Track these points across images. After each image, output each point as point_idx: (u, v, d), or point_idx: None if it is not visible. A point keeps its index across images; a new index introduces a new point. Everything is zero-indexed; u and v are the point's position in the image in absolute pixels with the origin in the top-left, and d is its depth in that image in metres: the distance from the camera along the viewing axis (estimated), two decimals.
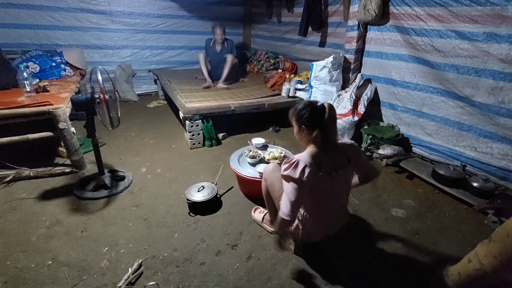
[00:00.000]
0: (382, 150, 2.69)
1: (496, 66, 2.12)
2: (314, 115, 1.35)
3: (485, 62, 2.18)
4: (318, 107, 1.37)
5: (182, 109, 2.98)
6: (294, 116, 1.42)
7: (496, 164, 2.24)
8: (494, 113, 2.18)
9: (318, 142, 1.36)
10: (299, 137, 1.45)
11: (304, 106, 1.39)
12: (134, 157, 2.82)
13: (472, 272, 1.22)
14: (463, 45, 2.29)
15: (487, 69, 2.17)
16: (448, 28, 2.37)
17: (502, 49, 2.07)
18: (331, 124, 1.35)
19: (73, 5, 4.09)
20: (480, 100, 2.25)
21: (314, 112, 1.35)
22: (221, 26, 3.99)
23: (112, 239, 1.79)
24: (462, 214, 2.12)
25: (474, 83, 2.26)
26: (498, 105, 2.15)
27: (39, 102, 2.33)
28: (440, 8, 2.38)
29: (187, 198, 2.01)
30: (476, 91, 2.26)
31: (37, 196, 2.18)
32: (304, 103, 1.41)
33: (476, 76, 2.24)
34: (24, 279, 1.51)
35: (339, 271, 1.62)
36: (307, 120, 1.36)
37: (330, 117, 1.34)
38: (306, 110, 1.37)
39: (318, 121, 1.34)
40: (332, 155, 1.39)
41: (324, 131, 1.34)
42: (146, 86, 4.98)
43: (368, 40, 3.12)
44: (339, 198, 1.54)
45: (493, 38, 2.10)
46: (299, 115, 1.39)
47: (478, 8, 2.15)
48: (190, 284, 1.51)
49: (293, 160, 1.30)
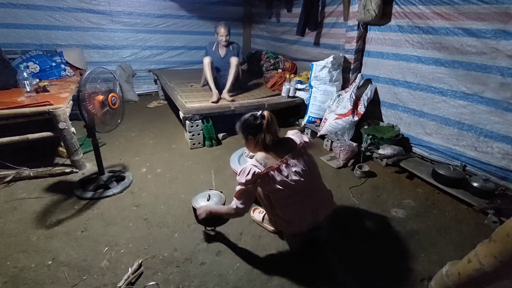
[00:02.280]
0: (382, 150, 2.69)
1: (505, 62, 2.12)
2: (255, 124, 1.53)
3: (494, 58, 2.17)
4: (258, 117, 1.54)
5: (182, 109, 2.98)
6: (240, 129, 1.60)
7: (496, 164, 2.24)
8: (502, 109, 2.17)
9: (263, 146, 1.53)
10: (247, 146, 1.63)
11: (246, 118, 1.58)
12: (134, 157, 2.82)
13: (472, 272, 1.22)
14: (471, 42, 2.28)
15: (495, 66, 2.17)
16: (456, 25, 2.36)
17: (511, 45, 2.07)
18: (270, 128, 1.53)
19: (73, 5, 4.09)
20: (489, 96, 2.24)
21: (255, 121, 1.53)
22: (226, 26, 3.40)
23: (112, 239, 1.79)
24: (462, 214, 2.12)
25: (483, 80, 2.26)
26: (507, 100, 2.14)
27: (39, 102, 2.32)
28: (447, 6, 2.38)
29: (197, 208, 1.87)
30: (485, 88, 2.25)
31: (37, 196, 2.18)
32: (245, 117, 1.59)
33: (486, 72, 2.23)
34: (24, 279, 1.51)
35: (338, 271, 1.62)
36: (251, 129, 1.54)
37: (268, 123, 1.52)
38: (248, 121, 1.56)
39: (259, 128, 1.52)
40: (278, 150, 1.54)
41: (265, 135, 1.51)
42: (146, 86, 4.98)
43: (368, 40, 3.12)
44: (312, 184, 1.62)
45: (502, 35, 2.10)
46: (244, 127, 1.57)
47: (485, 6, 2.15)
48: (190, 284, 1.51)
49: (243, 169, 1.46)
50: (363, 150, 2.80)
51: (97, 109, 2.01)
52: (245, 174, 1.43)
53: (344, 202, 2.22)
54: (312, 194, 1.61)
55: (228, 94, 3.37)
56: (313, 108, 3.32)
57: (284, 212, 1.59)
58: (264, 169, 1.44)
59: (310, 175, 1.59)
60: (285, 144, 1.59)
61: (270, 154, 1.51)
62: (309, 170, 1.58)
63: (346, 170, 2.70)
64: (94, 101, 1.99)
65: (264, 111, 1.55)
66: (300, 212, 1.59)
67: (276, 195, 1.54)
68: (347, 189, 2.39)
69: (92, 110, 1.97)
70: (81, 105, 1.92)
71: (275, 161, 1.49)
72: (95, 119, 2.03)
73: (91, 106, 1.97)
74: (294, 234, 1.69)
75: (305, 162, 1.57)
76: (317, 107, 3.29)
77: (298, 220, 1.60)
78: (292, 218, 1.60)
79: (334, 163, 2.78)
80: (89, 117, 1.99)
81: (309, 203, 1.60)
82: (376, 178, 2.57)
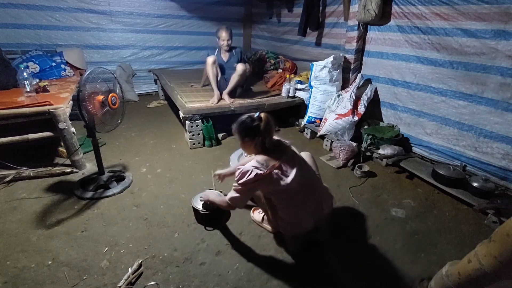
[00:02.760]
0: (382, 150, 2.69)
1: (505, 63, 2.12)
2: (253, 126, 1.49)
3: (494, 59, 2.17)
4: (255, 119, 1.51)
5: (182, 109, 2.98)
6: (236, 130, 1.56)
7: (496, 164, 2.24)
8: (502, 109, 2.17)
9: (261, 148, 1.51)
10: (244, 147, 1.60)
11: (243, 120, 1.54)
12: (134, 157, 2.82)
13: (472, 272, 1.22)
14: (470, 42, 2.28)
15: (495, 66, 2.17)
16: (455, 26, 2.36)
17: (511, 46, 2.07)
18: (268, 130, 1.50)
19: (73, 5, 4.09)
20: (489, 97, 2.24)
21: (252, 123, 1.50)
22: (228, 30, 3.25)
23: (112, 239, 1.79)
24: (462, 214, 2.12)
25: (482, 80, 2.26)
26: (507, 101, 2.14)
27: (39, 102, 2.32)
28: (446, 6, 2.38)
29: (198, 208, 1.88)
30: (485, 88, 2.25)
31: (37, 196, 2.18)
32: (242, 118, 1.55)
33: (485, 73, 2.23)
34: (24, 279, 1.51)
35: (338, 271, 1.62)
36: (247, 131, 1.51)
37: (266, 125, 1.49)
38: (245, 123, 1.52)
39: (257, 131, 1.49)
40: (276, 152, 1.53)
41: (263, 137, 1.49)
42: (146, 86, 4.98)
43: (368, 40, 3.12)
44: (312, 183, 1.63)
45: (501, 35, 2.10)
46: (241, 129, 1.54)
47: (485, 6, 2.15)
48: (190, 284, 1.51)
49: (243, 170, 1.44)
50: (363, 150, 2.80)
51: (97, 109, 2.01)
52: (246, 176, 1.43)
53: (344, 202, 2.22)
54: (312, 193, 1.61)
55: (228, 96, 3.30)
56: (313, 108, 3.32)
57: (286, 214, 1.59)
58: (267, 169, 1.44)
59: (309, 175, 1.59)
60: (279, 146, 1.60)
61: (270, 156, 1.51)
62: (308, 170, 1.59)
63: (346, 170, 2.70)
64: (94, 101, 1.99)
65: (261, 112, 1.54)
66: (302, 213, 1.59)
67: (278, 196, 1.54)
68: (347, 189, 2.39)
69: (92, 110, 1.97)
70: (81, 105, 1.92)
71: (274, 162, 1.49)
72: (95, 119, 2.03)
73: (91, 106, 1.97)
74: (295, 236, 1.69)
75: (301, 162, 1.58)
76: (317, 107, 3.29)
77: (300, 220, 1.60)
78: (294, 219, 1.60)
79: (334, 163, 2.78)
80: (89, 117, 1.99)
81: (310, 203, 1.60)
82: (376, 178, 2.57)
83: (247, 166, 1.46)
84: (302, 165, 1.58)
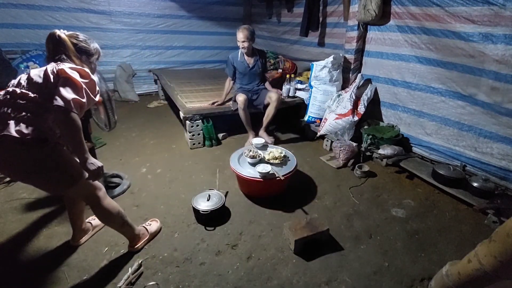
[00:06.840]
0: (382, 150, 2.69)
1: (493, 66, 2.12)
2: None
3: (483, 62, 2.18)
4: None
5: (183, 109, 2.98)
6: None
7: (496, 164, 2.24)
8: (496, 112, 2.18)
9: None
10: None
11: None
12: (134, 157, 2.82)
13: (472, 272, 1.22)
14: (461, 44, 2.29)
15: (485, 69, 2.17)
16: (445, 28, 2.37)
17: (498, 50, 2.07)
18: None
19: (73, 5, 4.09)
20: (483, 99, 2.24)
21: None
22: (243, 30, 2.88)
23: (112, 239, 1.79)
24: (462, 214, 2.12)
25: (475, 82, 2.26)
26: (499, 104, 2.15)
27: None
28: (436, 8, 2.38)
29: (198, 208, 1.90)
30: (478, 91, 2.26)
31: (37, 196, 2.18)
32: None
33: (477, 75, 2.24)
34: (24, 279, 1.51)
35: (338, 271, 1.62)
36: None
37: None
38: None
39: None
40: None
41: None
42: (147, 86, 4.98)
43: (368, 40, 3.12)
44: None
45: (489, 38, 2.10)
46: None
47: (474, 8, 2.15)
48: (190, 284, 1.51)
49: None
50: (363, 150, 2.80)
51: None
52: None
53: (344, 202, 2.22)
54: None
55: (266, 134, 3.06)
56: (313, 108, 3.32)
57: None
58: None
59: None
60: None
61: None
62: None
63: (346, 170, 2.70)
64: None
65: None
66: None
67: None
68: (347, 189, 2.39)
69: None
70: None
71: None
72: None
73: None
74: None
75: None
76: (317, 107, 3.29)
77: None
78: None
79: (334, 163, 2.78)
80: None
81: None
82: (376, 178, 2.57)
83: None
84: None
